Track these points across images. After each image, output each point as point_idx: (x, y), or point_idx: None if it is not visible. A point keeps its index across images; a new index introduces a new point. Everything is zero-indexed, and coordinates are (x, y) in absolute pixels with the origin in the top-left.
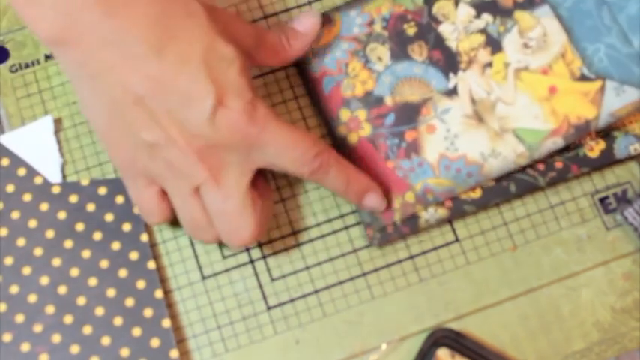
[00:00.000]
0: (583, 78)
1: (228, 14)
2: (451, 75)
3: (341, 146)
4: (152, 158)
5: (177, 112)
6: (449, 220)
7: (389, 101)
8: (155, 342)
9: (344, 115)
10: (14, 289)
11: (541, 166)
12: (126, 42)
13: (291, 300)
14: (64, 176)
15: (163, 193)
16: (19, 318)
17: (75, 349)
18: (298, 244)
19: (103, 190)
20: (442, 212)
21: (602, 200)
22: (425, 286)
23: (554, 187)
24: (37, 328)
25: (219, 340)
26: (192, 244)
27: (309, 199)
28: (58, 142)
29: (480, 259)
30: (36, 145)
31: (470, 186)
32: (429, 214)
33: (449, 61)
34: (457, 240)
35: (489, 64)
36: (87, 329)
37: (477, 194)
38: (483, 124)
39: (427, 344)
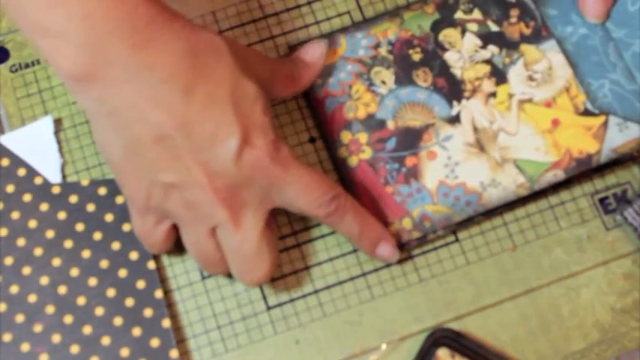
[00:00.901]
0: (587, 113)
1: (246, 49)
2: (454, 103)
3: (340, 168)
4: (168, 198)
5: (201, 151)
6: (455, 230)
7: (391, 125)
8: (155, 342)
9: (345, 137)
10: (14, 289)
11: None
12: (152, 79)
13: (291, 300)
14: (64, 176)
15: (171, 229)
16: (19, 318)
17: (75, 349)
18: (298, 245)
19: (103, 190)
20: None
21: (602, 200)
22: (425, 286)
23: (554, 187)
24: (37, 328)
25: (219, 340)
26: None
27: None
28: (58, 142)
29: (480, 259)
30: (36, 145)
31: (468, 214)
32: None
33: (453, 89)
34: (457, 240)
35: (493, 94)
36: (87, 329)
37: None
38: (484, 153)
39: (427, 344)
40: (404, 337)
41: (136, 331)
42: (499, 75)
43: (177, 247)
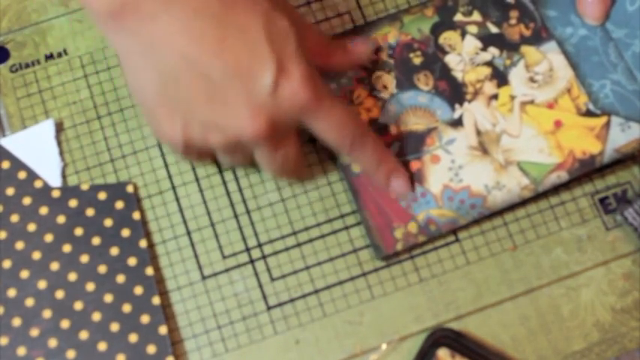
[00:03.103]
0: (589, 113)
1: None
2: (456, 106)
3: (344, 174)
4: (208, 137)
5: (238, 85)
6: (455, 230)
7: (393, 130)
8: (151, 349)
9: None
10: (11, 292)
11: None
12: (185, 11)
13: (291, 300)
14: (64, 176)
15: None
16: (16, 322)
17: (71, 354)
18: (298, 244)
19: (102, 195)
20: None
21: (602, 200)
22: (425, 286)
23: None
24: (34, 332)
25: (220, 340)
26: (192, 244)
27: (309, 199)
28: (59, 143)
29: (480, 259)
30: (37, 149)
31: (473, 217)
32: None
33: (454, 92)
34: (457, 240)
35: (495, 97)
36: (83, 334)
37: None
38: (488, 156)
39: (427, 344)
40: (404, 337)
41: (133, 338)
42: (500, 77)
43: (177, 248)
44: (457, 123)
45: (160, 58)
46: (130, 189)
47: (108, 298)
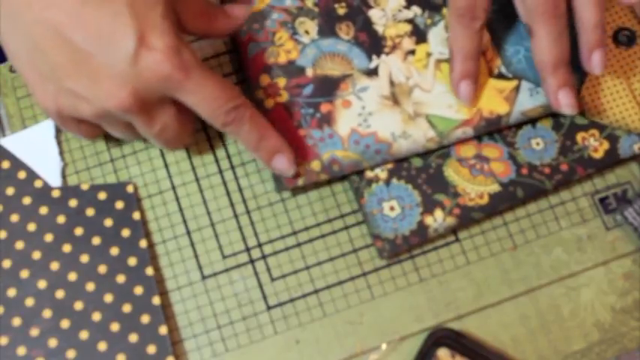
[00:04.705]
0: (501, 76)
1: None
2: (374, 57)
3: (257, 109)
4: (78, 107)
5: (101, 54)
6: (456, 228)
7: (309, 73)
8: (151, 349)
9: (263, 80)
10: (11, 292)
11: (547, 170)
12: None
13: (291, 300)
14: (64, 176)
15: (92, 124)
16: (16, 321)
17: (71, 354)
18: (298, 244)
19: (102, 195)
20: (450, 220)
21: (602, 200)
22: (425, 286)
23: (555, 187)
24: (34, 332)
25: (220, 340)
26: (192, 244)
27: (309, 199)
28: (59, 143)
29: (480, 259)
30: (37, 149)
31: (376, 162)
32: (437, 224)
33: (373, 44)
34: (457, 240)
35: (412, 52)
36: (83, 334)
37: (485, 200)
38: (398, 106)
39: (427, 344)
40: (404, 337)
41: (133, 338)
42: (420, 34)
43: (177, 248)
44: (372, 72)
45: (24, 24)
46: (130, 189)
47: (108, 298)
